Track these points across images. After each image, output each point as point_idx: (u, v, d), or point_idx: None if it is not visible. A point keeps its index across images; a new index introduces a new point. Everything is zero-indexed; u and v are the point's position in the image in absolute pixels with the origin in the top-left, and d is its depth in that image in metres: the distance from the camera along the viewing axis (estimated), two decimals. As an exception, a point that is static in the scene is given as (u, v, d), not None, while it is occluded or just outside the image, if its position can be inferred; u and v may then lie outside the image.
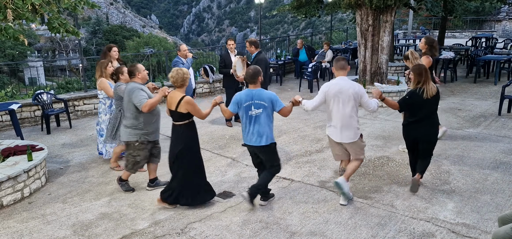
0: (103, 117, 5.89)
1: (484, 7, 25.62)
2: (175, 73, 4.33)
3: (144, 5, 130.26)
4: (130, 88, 4.62)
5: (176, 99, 4.29)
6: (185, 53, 6.99)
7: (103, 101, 5.85)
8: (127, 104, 4.67)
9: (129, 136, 4.72)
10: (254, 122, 4.27)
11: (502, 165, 5.49)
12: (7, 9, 4.71)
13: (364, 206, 4.49)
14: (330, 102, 4.38)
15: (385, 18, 9.41)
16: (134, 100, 4.54)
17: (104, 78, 5.67)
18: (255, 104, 4.24)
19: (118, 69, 5.34)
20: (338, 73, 4.41)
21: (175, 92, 4.37)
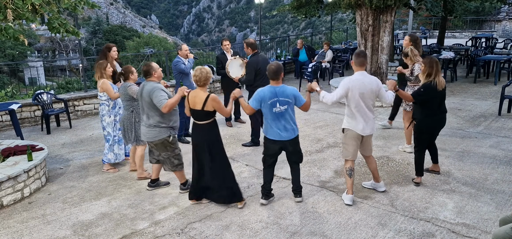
0: (107, 119, 5.65)
1: (484, 7, 25.62)
2: (199, 72, 4.26)
3: (144, 5, 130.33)
4: (150, 88, 4.49)
5: (201, 98, 4.23)
6: (186, 53, 6.94)
7: (107, 103, 5.61)
8: (148, 104, 4.53)
9: (159, 134, 4.57)
10: (280, 118, 4.30)
11: (502, 165, 5.49)
12: (7, 9, 4.71)
13: (364, 206, 4.49)
14: (352, 97, 4.34)
15: (385, 18, 9.41)
16: (154, 100, 4.44)
17: (106, 80, 5.50)
18: (280, 101, 4.25)
19: (127, 69, 5.20)
20: (358, 68, 4.43)
21: (198, 91, 4.29)
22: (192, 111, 4.36)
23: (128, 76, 5.15)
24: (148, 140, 4.67)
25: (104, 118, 5.66)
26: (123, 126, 5.31)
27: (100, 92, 5.57)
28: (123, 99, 5.23)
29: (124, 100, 5.22)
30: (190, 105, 4.33)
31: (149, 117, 4.58)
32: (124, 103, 5.25)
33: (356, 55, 4.46)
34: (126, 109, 5.27)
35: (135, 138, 5.30)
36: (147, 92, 4.50)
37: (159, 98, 4.43)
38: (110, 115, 5.63)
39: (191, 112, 4.39)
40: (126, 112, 5.27)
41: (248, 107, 4.38)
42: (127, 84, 5.13)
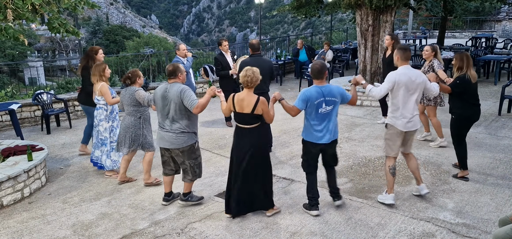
0: (105, 125, 5.41)
1: (484, 7, 25.61)
2: (251, 72, 3.99)
3: (144, 5, 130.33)
4: (179, 89, 4.19)
5: (251, 101, 4.00)
6: (185, 53, 6.94)
7: (105, 108, 5.39)
8: (177, 106, 4.21)
9: (187, 140, 4.28)
10: (324, 119, 4.16)
11: (502, 165, 5.49)
12: (7, 9, 4.71)
13: (364, 206, 4.49)
14: (398, 91, 4.30)
15: (385, 18, 9.41)
16: (186, 101, 4.15)
17: (105, 83, 5.31)
18: (327, 101, 4.11)
19: (135, 73, 4.95)
20: (403, 63, 4.40)
21: (247, 94, 4.04)
22: (238, 115, 4.11)
23: (135, 80, 4.94)
24: (175, 147, 4.30)
25: (101, 124, 5.43)
26: (127, 133, 4.99)
27: (97, 96, 5.36)
28: (129, 104, 4.93)
29: (129, 105, 4.93)
30: (237, 109, 4.07)
31: (174, 122, 4.26)
32: (130, 109, 4.95)
33: (402, 50, 4.42)
34: (132, 115, 4.97)
35: (140, 144, 5.06)
36: (176, 93, 4.18)
37: (191, 99, 4.16)
38: (108, 121, 5.43)
39: (236, 115, 4.14)
40: (131, 119, 4.97)
41: (294, 108, 4.14)
42: (134, 89, 4.89)
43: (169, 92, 4.24)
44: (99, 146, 5.53)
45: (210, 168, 5.77)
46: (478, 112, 5.09)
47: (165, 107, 4.27)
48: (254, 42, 6.28)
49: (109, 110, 5.43)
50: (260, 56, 6.20)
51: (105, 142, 5.49)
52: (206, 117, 8.20)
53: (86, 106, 6.16)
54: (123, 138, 5.03)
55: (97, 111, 5.44)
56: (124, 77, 4.99)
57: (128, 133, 4.99)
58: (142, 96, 4.87)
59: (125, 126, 5.00)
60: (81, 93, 6.27)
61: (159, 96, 4.32)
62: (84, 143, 6.49)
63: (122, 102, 5.04)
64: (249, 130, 4.10)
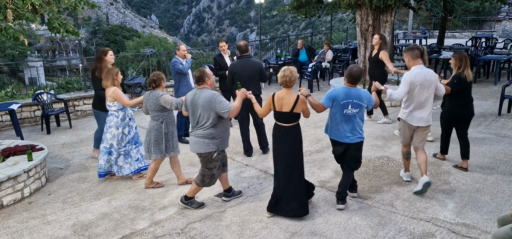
0: (114, 131, 5.19)
1: (484, 7, 25.61)
2: (289, 72, 4.05)
3: (144, 5, 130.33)
4: (210, 95, 4.18)
5: (290, 100, 4.07)
6: (184, 54, 6.93)
7: (116, 114, 5.18)
8: (205, 113, 4.20)
9: (207, 147, 4.26)
10: (349, 120, 4.26)
11: (502, 165, 5.49)
12: (7, 9, 4.71)
13: (364, 206, 4.49)
14: (415, 89, 4.58)
15: (385, 18, 9.41)
16: (219, 107, 4.14)
17: (117, 88, 5.13)
18: (353, 104, 4.21)
19: (159, 76, 4.82)
20: (414, 62, 4.67)
21: (286, 92, 4.11)
22: (278, 113, 4.17)
23: (160, 84, 4.81)
24: (194, 151, 4.34)
25: (110, 130, 5.21)
26: (151, 138, 4.87)
27: (109, 102, 5.14)
28: (153, 109, 4.81)
29: (153, 110, 4.81)
30: (277, 108, 4.14)
31: (199, 127, 4.29)
32: (154, 114, 4.83)
33: (410, 50, 4.69)
34: (155, 120, 4.85)
35: (164, 150, 4.93)
36: (206, 99, 4.17)
37: (224, 105, 4.16)
38: (118, 127, 5.21)
39: (276, 114, 4.20)
40: (153, 123, 4.87)
41: (320, 105, 4.26)
42: (158, 93, 4.77)
43: (198, 98, 4.24)
44: (103, 154, 5.29)
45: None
46: (471, 109, 5.33)
47: (194, 113, 4.31)
48: (241, 44, 6.23)
49: (120, 117, 5.20)
50: (249, 58, 6.15)
51: (111, 150, 5.26)
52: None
53: (97, 111, 5.98)
54: (147, 143, 4.94)
55: (108, 117, 5.24)
56: (149, 80, 4.85)
57: (149, 137, 4.89)
58: (169, 101, 4.73)
59: (148, 130, 4.91)
60: (94, 97, 6.10)
61: (189, 101, 4.34)
62: (96, 147, 6.22)
63: (145, 106, 4.90)
64: (288, 128, 4.19)
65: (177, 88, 6.87)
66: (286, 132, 4.20)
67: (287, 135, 4.20)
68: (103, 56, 5.76)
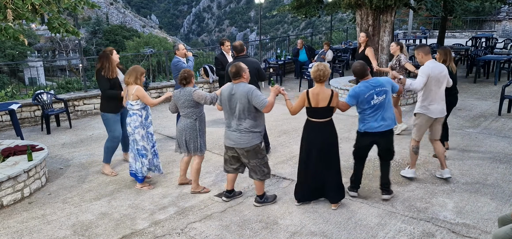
0: (141, 132, 5.00)
1: (484, 7, 25.61)
2: (323, 66, 4.15)
3: (144, 5, 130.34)
4: (247, 89, 4.18)
5: (326, 95, 4.17)
6: (184, 52, 6.91)
7: (139, 113, 4.99)
8: (244, 106, 4.19)
9: (252, 140, 4.26)
10: (378, 108, 4.36)
11: (502, 165, 5.49)
12: (7, 9, 4.71)
13: (364, 206, 4.49)
14: (431, 82, 4.83)
15: (385, 18, 9.41)
16: (255, 100, 4.14)
17: (140, 86, 4.97)
18: (377, 92, 4.33)
19: (189, 73, 4.72)
20: (426, 57, 4.96)
21: (320, 88, 4.19)
22: (314, 109, 4.23)
23: (190, 80, 4.72)
24: (240, 147, 4.30)
25: (137, 131, 5.00)
26: (183, 136, 4.77)
27: (132, 101, 4.95)
28: (185, 106, 4.69)
29: (186, 107, 4.70)
30: (313, 104, 4.20)
31: (241, 121, 4.25)
32: (187, 111, 4.72)
33: (422, 47, 5.07)
34: (188, 117, 4.74)
35: (197, 147, 4.81)
36: (243, 93, 4.17)
37: (260, 99, 4.15)
38: (143, 127, 5.03)
39: (311, 110, 4.26)
40: (188, 121, 4.74)
41: (344, 104, 4.37)
42: (191, 89, 4.67)
43: (235, 93, 4.23)
44: (138, 158, 5.08)
45: (209, 168, 5.77)
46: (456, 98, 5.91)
47: (232, 107, 4.28)
48: (236, 44, 6.21)
49: (144, 116, 5.04)
50: (245, 57, 6.13)
51: (144, 153, 5.06)
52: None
53: (107, 114, 5.52)
54: (179, 140, 4.84)
55: (131, 118, 5.01)
56: (180, 77, 4.73)
57: (183, 135, 4.78)
58: (203, 96, 4.64)
59: (181, 128, 4.79)
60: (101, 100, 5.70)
61: (226, 97, 4.31)
62: (106, 162, 5.73)
63: (175, 104, 4.81)
64: (324, 123, 4.27)
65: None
66: (322, 127, 4.28)
67: (324, 130, 4.29)
68: (110, 55, 5.50)
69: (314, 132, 4.31)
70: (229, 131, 4.37)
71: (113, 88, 5.46)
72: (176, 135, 4.92)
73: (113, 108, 5.50)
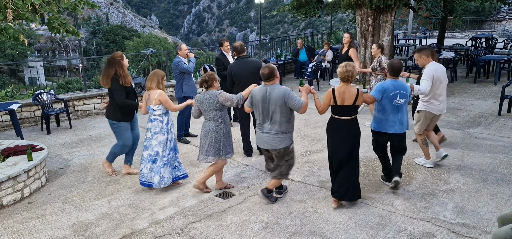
0: (161, 138, 4.88)
1: (484, 7, 25.58)
2: (351, 67, 4.23)
3: (144, 5, 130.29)
4: (283, 91, 4.20)
5: (352, 93, 4.24)
6: (186, 53, 6.92)
7: (160, 119, 4.90)
8: (279, 108, 4.20)
9: (285, 141, 4.32)
10: (398, 110, 4.63)
11: (502, 165, 5.49)
12: (7, 9, 4.71)
13: (364, 206, 4.49)
14: (436, 83, 5.16)
15: (385, 18, 9.41)
16: (291, 102, 4.17)
17: (163, 91, 4.89)
18: (401, 94, 4.58)
19: (212, 76, 4.65)
20: (428, 60, 5.23)
21: (346, 87, 4.27)
22: (339, 107, 4.28)
23: (212, 83, 4.64)
24: (272, 148, 4.34)
25: (156, 136, 4.90)
26: (211, 140, 4.66)
27: (154, 106, 4.86)
28: (210, 109, 4.61)
29: (211, 110, 4.61)
30: (339, 102, 4.25)
31: (274, 123, 4.26)
32: (212, 114, 4.62)
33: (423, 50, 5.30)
34: (213, 121, 4.65)
35: (217, 152, 4.72)
36: (280, 95, 4.18)
37: (296, 100, 4.18)
38: (164, 133, 4.92)
39: (337, 108, 4.31)
40: (213, 124, 4.65)
41: (371, 97, 4.57)
42: (215, 92, 4.60)
43: (270, 94, 4.23)
44: (147, 162, 4.96)
45: (210, 168, 5.77)
46: None
47: (266, 109, 4.28)
48: (237, 45, 6.21)
49: (165, 122, 4.93)
50: (246, 58, 6.14)
51: (155, 158, 4.93)
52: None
53: (119, 123, 5.32)
54: (204, 145, 4.73)
55: (152, 123, 4.91)
56: (201, 81, 4.68)
57: (208, 139, 4.68)
58: (229, 98, 4.60)
59: (206, 132, 4.70)
60: (111, 107, 5.33)
61: (259, 98, 4.29)
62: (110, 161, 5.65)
63: (199, 108, 4.73)
64: (350, 121, 4.34)
65: (180, 88, 6.85)
66: (347, 125, 4.34)
67: (350, 128, 4.35)
68: (121, 61, 5.23)
69: (340, 130, 4.37)
70: (263, 133, 4.38)
71: (129, 96, 5.25)
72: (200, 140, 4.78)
73: (127, 117, 5.34)
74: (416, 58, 5.33)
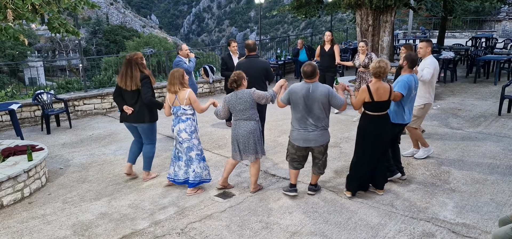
0: (194, 141, 4.81)
1: (484, 7, 25.61)
2: (384, 64, 4.37)
3: (144, 5, 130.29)
4: (326, 89, 4.31)
5: (387, 89, 4.42)
6: (187, 53, 6.92)
7: (193, 118, 4.78)
8: (323, 106, 4.29)
9: (326, 137, 4.47)
10: (411, 101, 5.02)
11: (502, 165, 5.49)
12: (7, 9, 4.71)
13: (364, 206, 4.49)
14: (435, 72, 5.57)
15: (385, 18, 9.41)
16: (335, 100, 4.33)
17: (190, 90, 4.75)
18: (415, 87, 4.98)
19: (240, 75, 4.57)
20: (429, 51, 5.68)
21: (380, 83, 4.43)
22: (375, 103, 4.42)
23: (241, 83, 4.56)
24: (320, 144, 4.42)
25: (194, 135, 4.80)
26: (254, 139, 4.62)
27: (184, 105, 4.71)
28: (245, 109, 4.53)
29: (246, 110, 4.53)
30: (375, 98, 4.39)
31: (319, 120, 4.36)
32: (248, 113, 4.55)
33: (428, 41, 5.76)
34: (251, 120, 4.58)
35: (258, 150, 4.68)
36: (324, 93, 4.27)
37: (339, 98, 4.37)
38: (197, 131, 4.86)
39: (372, 105, 4.43)
40: (252, 123, 4.59)
41: (399, 94, 4.72)
42: (248, 91, 4.53)
43: (313, 92, 4.29)
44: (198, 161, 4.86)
45: (210, 168, 5.76)
46: None
47: (309, 106, 4.32)
48: (250, 42, 6.22)
49: (196, 120, 4.87)
50: (256, 57, 6.16)
51: (203, 155, 4.92)
52: (205, 117, 8.20)
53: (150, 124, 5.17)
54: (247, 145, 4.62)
55: (185, 123, 4.74)
56: (230, 81, 4.59)
57: (250, 139, 4.60)
58: (263, 95, 4.57)
59: (247, 132, 4.59)
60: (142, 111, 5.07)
61: (301, 96, 4.32)
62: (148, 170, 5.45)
63: (228, 109, 4.65)
64: (384, 116, 4.54)
65: None
66: (381, 120, 4.52)
67: (384, 122, 4.55)
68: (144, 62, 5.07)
69: (375, 125, 4.51)
70: (305, 131, 4.41)
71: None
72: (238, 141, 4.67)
73: (156, 116, 5.23)
74: (422, 47, 5.69)
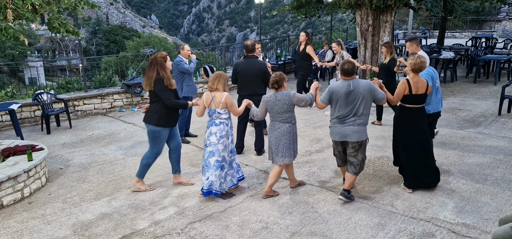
0: (226, 142, 4.67)
1: (484, 7, 25.61)
2: (421, 59, 4.59)
3: (144, 5, 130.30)
4: (368, 84, 4.37)
5: (423, 83, 4.65)
6: (188, 53, 6.90)
7: (226, 122, 4.68)
8: (366, 101, 4.36)
9: (365, 133, 4.46)
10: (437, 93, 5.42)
11: (502, 165, 5.49)
12: (7, 9, 4.71)
13: (364, 206, 4.49)
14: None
15: (385, 18, 9.41)
16: (377, 95, 4.43)
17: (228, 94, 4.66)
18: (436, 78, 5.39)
19: (282, 76, 4.54)
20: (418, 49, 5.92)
21: (417, 77, 4.64)
22: (413, 96, 4.63)
23: (282, 84, 4.52)
24: (359, 140, 4.40)
25: (222, 141, 4.64)
26: (285, 142, 4.57)
27: (220, 109, 4.61)
28: (283, 111, 4.49)
29: (283, 112, 4.50)
30: (414, 91, 4.60)
31: (361, 116, 4.39)
32: (285, 116, 4.52)
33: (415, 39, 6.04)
34: (286, 122, 4.55)
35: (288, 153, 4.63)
36: (367, 89, 4.34)
37: (380, 92, 4.47)
38: (228, 136, 4.71)
39: (411, 98, 4.64)
40: (287, 125, 4.55)
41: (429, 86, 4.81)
42: (288, 93, 4.50)
43: (356, 88, 4.34)
44: (215, 169, 4.65)
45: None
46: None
47: (351, 103, 4.37)
48: (248, 43, 6.23)
49: (229, 125, 4.73)
50: (254, 58, 6.15)
51: (223, 164, 4.69)
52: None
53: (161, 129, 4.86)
54: (277, 146, 4.60)
55: (218, 127, 4.64)
56: (271, 82, 4.53)
57: (281, 141, 4.57)
58: (302, 98, 4.51)
59: (279, 134, 4.57)
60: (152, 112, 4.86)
61: (342, 93, 4.36)
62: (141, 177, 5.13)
63: (266, 110, 4.63)
64: (421, 108, 4.75)
65: (180, 88, 6.83)
66: (419, 112, 4.72)
67: (422, 115, 4.75)
68: (164, 62, 4.84)
69: (413, 117, 4.70)
70: (344, 126, 4.44)
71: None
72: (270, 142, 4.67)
73: (172, 122, 4.95)
74: (409, 46, 5.87)
